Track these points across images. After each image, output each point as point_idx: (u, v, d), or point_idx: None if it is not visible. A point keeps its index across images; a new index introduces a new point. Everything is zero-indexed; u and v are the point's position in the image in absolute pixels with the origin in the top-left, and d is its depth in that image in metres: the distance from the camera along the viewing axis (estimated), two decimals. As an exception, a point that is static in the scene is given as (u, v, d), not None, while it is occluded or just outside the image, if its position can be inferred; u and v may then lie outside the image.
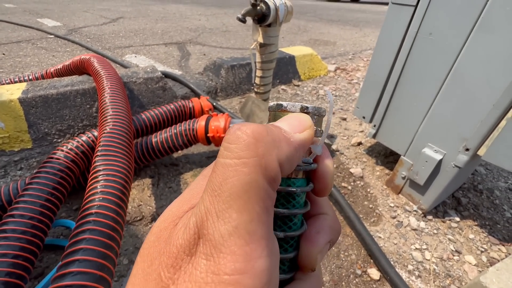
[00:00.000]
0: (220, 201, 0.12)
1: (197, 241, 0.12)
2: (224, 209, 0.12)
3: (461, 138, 0.83)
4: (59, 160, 0.91)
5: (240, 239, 0.12)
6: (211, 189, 0.13)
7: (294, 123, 0.16)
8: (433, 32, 0.83)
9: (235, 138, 0.13)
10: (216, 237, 0.12)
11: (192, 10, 5.33)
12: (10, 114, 1.16)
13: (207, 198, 0.13)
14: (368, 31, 4.43)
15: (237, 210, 0.12)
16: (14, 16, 3.72)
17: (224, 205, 0.12)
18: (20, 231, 0.69)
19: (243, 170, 0.12)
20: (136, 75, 1.48)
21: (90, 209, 0.64)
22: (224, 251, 0.11)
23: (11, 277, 0.63)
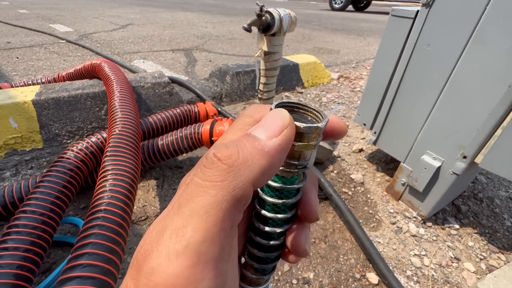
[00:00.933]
0: (181, 218, 0.12)
1: (146, 258, 0.12)
2: (181, 227, 0.12)
3: (458, 146, 0.86)
4: (69, 160, 0.94)
5: (187, 259, 0.12)
6: (178, 205, 0.13)
7: (270, 126, 0.15)
8: (431, 43, 0.86)
9: (210, 162, 0.14)
10: (163, 255, 0.12)
11: (199, 18, 5.46)
12: (24, 115, 1.21)
13: (168, 213, 0.13)
14: (372, 40, 4.49)
15: (193, 229, 0.12)
16: (28, 22, 3.85)
17: (183, 222, 0.12)
18: (31, 226, 0.73)
19: (210, 192, 0.13)
20: (144, 80, 1.53)
21: (99, 206, 0.67)
22: (166, 272, 0.11)
23: (22, 270, 0.65)
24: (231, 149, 0.14)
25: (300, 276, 0.84)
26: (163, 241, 0.12)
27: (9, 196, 0.90)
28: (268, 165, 0.14)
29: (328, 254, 0.91)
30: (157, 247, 0.12)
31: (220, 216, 0.13)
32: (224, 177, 0.13)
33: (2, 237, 0.69)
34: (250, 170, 0.14)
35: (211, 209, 0.13)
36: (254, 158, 0.14)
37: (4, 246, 0.67)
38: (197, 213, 0.12)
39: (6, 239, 0.68)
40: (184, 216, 0.13)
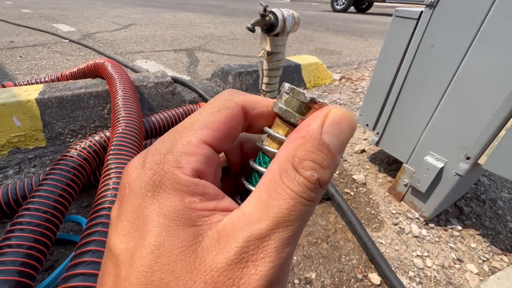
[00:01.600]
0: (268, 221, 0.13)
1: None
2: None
3: (462, 147, 0.85)
4: (72, 158, 0.95)
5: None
6: (277, 215, 0.13)
7: (343, 140, 0.16)
8: (435, 44, 0.86)
9: (312, 183, 0.14)
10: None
11: (201, 18, 5.48)
12: (27, 113, 1.21)
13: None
14: (374, 41, 4.49)
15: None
16: (31, 21, 3.87)
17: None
18: (34, 223, 0.73)
19: (305, 204, 0.14)
20: (147, 80, 1.53)
21: (103, 203, 0.67)
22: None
23: (25, 267, 0.66)
24: (328, 174, 0.14)
25: (302, 276, 0.84)
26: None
27: (12, 194, 0.91)
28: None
29: (330, 254, 0.91)
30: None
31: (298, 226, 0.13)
32: (316, 195, 0.14)
33: (5, 234, 0.70)
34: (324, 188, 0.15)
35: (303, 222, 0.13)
36: (332, 173, 0.15)
37: (7, 243, 0.67)
38: (285, 222, 0.13)
39: (9, 236, 0.69)
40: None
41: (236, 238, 0.12)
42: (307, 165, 0.13)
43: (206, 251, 0.12)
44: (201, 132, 0.15)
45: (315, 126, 0.14)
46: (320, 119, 0.15)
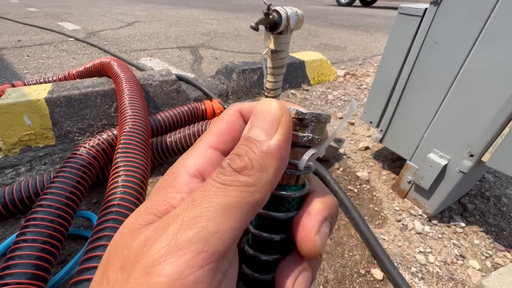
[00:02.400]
0: (195, 211, 0.13)
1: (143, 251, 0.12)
2: (196, 216, 0.12)
3: (465, 144, 0.86)
4: (82, 156, 0.98)
5: (195, 246, 0.12)
6: (191, 199, 0.13)
7: (265, 123, 0.15)
8: (439, 41, 0.86)
9: (228, 171, 0.14)
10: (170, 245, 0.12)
11: (205, 15, 5.46)
12: (37, 112, 1.24)
13: (184, 207, 0.13)
14: (379, 36, 4.43)
15: (206, 219, 0.12)
16: (37, 20, 3.92)
17: (198, 213, 0.12)
18: (48, 219, 0.76)
19: (231, 193, 0.13)
20: (152, 78, 1.55)
21: (113, 200, 0.70)
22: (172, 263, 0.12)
23: (41, 260, 0.69)
24: (245, 160, 0.14)
25: (306, 271, 0.86)
26: (170, 232, 0.12)
27: (25, 190, 0.94)
28: (279, 165, 0.15)
29: (333, 250, 0.93)
30: (160, 238, 0.12)
31: (237, 216, 0.13)
32: (246, 184, 0.14)
33: (21, 229, 0.73)
34: (266, 175, 0.14)
35: (229, 208, 0.13)
36: (266, 164, 0.14)
37: (23, 238, 0.70)
38: (213, 208, 0.13)
39: (25, 231, 0.72)
40: (200, 209, 0.13)
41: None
42: (226, 158, 0.15)
43: (143, 235, 0.13)
44: (207, 139, 0.17)
45: (245, 129, 0.16)
46: (249, 122, 0.16)
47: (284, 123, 0.15)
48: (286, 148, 0.15)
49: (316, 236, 0.15)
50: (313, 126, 0.16)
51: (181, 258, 0.11)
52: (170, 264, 0.11)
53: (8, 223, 0.94)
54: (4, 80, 1.90)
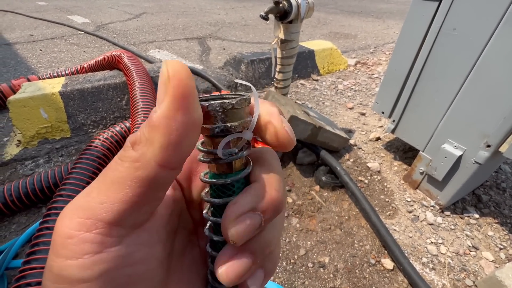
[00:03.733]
0: (91, 185, 0.14)
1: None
2: (89, 190, 0.13)
3: (482, 135, 0.83)
4: (97, 148, 1.01)
5: (79, 213, 0.13)
6: (101, 175, 0.14)
7: (158, 93, 0.13)
8: (457, 27, 0.82)
9: (125, 146, 0.14)
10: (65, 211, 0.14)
11: (212, 4, 5.38)
12: (52, 106, 1.28)
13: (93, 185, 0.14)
14: (392, 23, 4.27)
15: (97, 191, 0.13)
16: (47, 14, 3.96)
17: (91, 186, 0.14)
18: (68, 208, 0.79)
19: (119, 169, 0.13)
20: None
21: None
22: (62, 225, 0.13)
23: (63, 247, 0.72)
24: (137, 134, 0.13)
25: (316, 260, 0.87)
26: (72, 202, 0.14)
27: (45, 181, 0.98)
28: (165, 138, 0.12)
29: (343, 240, 0.94)
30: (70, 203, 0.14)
31: (122, 191, 0.13)
32: (132, 159, 0.13)
33: (43, 217, 0.77)
34: (152, 149, 0.13)
35: (114, 183, 0.13)
36: (152, 137, 0.13)
37: (46, 225, 0.74)
38: (103, 181, 0.13)
39: (47, 220, 0.75)
40: (94, 183, 0.14)
41: None
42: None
43: None
44: None
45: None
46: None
47: (172, 88, 0.12)
48: (177, 119, 0.12)
49: (231, 227, 0.15)
50: (222, 115, 0.15)
51: (73, 221, 0.13)
52: (66, 225, 0.13)
53: (31, 212, 0.98)
54: (19, 74, 1.95)
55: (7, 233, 0.92)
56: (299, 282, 0.81)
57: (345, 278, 0.82)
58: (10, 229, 0.93)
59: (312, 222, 1.00)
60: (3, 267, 0.77)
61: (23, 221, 0.95)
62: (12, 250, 0.80)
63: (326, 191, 1.12)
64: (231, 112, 0.15)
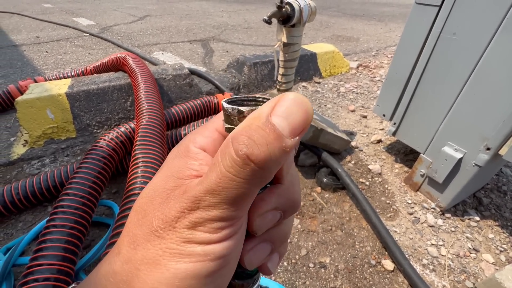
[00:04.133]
0: (215, 198, 0.14)
1: (186, 214, 0.15)
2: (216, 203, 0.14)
3: (482, 137, 0.84)
4: (102, 148, 1.02)
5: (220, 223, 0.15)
6: (208, 185, 0.14)
7: (294, 120, 0.15)
8: (457, 32, 0.84)
9: (240, 159, 0.14)
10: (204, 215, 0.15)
11: (215, 7, 5.43)
12: (59, 106, 1.30)
13: (203, 190, 0.15)
14: (394, 26, 4.29)
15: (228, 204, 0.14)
16: (53, 16, 4.02)
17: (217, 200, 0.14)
18: (74, 207, 0.81)
19: (244, 186, 0.14)
20: (165, 72, 1.58)
21: (134, 190, 0.74)
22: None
23: (69, 244, 0.74)
24: (263, 152, 0.13)
25: (317, 260, 0.88)
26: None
27: (51, 180, 1.00)
28: (284, 161, 0.15)
29: (344, 241, 0.95)
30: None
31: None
32: (255, 176, 0.14)
33: (50, 216, 0.78)
34: (276, 167, 0.14)
35: (240, 198, 0.14)
36: (280, 159, 0.14)
37: (53, 223, 0.76)
38: (231, 198, 0.14)
39: (54, 218, 0.77)
40: (219, 198, 0.15)
41: (186, 193, 0.15)
42: (240, 140, 0.14)
43: (171, 198, 0.16)
44: (216, 121, 0.19)
45: (265, 108, 0.15)
46: (272, 103, 0.15)
47: (304, 130, 0.15)
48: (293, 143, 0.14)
49: (257, 219, 0.17)
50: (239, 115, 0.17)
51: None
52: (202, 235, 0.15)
53: (37, 210, 1.00)
54: (26, 75, 1.99)
55: (13, 231, 0.94)
56: (300, 282, 0.82)
57: (345, 279, 0.83)
58: (17, 227, 0.95)
59: (313, 223, 1.01)
60: (10, 264, 0.79)
61: (29, 220, 0.97)
62: (19, 247, 0.82)
63: (327, 193, 1.13)
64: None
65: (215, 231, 0.15)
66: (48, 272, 0.67)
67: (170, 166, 0.18)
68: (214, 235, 0.15)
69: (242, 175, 0.14)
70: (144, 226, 0.15)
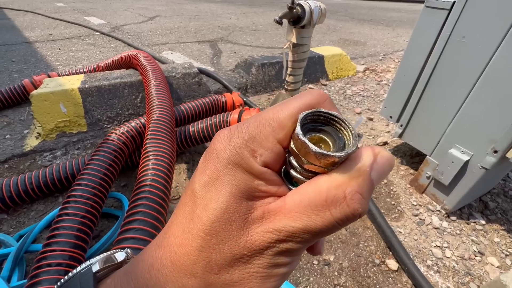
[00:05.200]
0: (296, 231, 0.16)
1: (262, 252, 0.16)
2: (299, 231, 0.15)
3: (490, 140, 0.85)
4: (113, 142, 1.05)
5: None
6: (308, 226, 0.15)
7: (382, 175, 0.16)
8: (466, 35, 0.85)
9: (351, 210, 0.15)
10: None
11: (223, 9, 5.49)
12: (71, 101, 1.34)
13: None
14: (402, 31, 4.29)
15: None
16: (65, 14, 4.11)
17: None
18: (86, 197, 0.84)
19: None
20: (175, 71, 1.61)
21: (145, 181, 0.76)
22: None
23: (80, 232, 0.76)
24: (367, 208, 0.16)
25: (321, 257, 0.89)
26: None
27: (63, 172, 1.03)
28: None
29: (348, 239, 0.95)
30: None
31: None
32: (349, 223, 0.16)
33: (63, 204, 0.81)
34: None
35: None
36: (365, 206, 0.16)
37: (65, 212, 0.78)
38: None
39: (66, 206, 0.80)
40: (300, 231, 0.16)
41: (273, 222, 0.16)
42: (357, 198, 0.15)
43: (251, 222, 0.16)
44: (278, 132, 0.17)
45: (368, 161, 0.16)
46: (371, 157, 0.16)
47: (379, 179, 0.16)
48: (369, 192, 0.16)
49: (319, 244, 0.20)
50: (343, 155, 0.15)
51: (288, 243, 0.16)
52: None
53: (48, 200, 1.03)
54: (39, 71, 2.04)
55: (26, 219, 0.96)
56: (304, 278, 0.83)
57: (349, 277, 0.84)
58: (29, 216, 0.97)
59: (318, 221, 1.01)
60: (23, 250, 0.81)
61: (41, 209, 1.00)
62: (32, 234, 0.85)
63: (333, 192, 1.14)
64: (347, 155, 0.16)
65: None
66: (61, 257, 0.69)
67: (234, 182, 0.16)
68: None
69: (345, 224, 0.16)
70: (225, 253, 0.16)
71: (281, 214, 0.16)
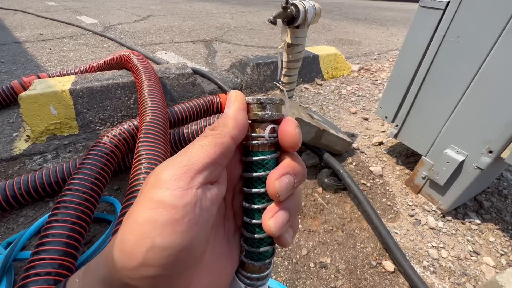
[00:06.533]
0: (184, 149, 0.20)
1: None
2: (183, 151, 0.20)
3: (484, 140, 0.85)
4: (105, 145, 1.03)
5: (183, 164, 0.19)
6: (189, 146, 0.21)
7: (227, 104, 0.23)
8: (461, 35, 0.84)
9: (206, 131, 0.22)
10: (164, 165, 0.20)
11: (218, 8, 5.46)
12: (62, 103, 1.31)
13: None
14: (396, 30, 4.31)
15: (190, 152, 0.20)
16: (57, 14, 4.03)
17: (185, 149, 0.20)
18: (76, 202, 0.81)
19: (205, 139, 0.21)
20: (169, 71, 1.59)
21: (137, 186, 0.74)
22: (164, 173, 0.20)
23: (71, 239, 0.74)
24: (215, 123, 0.22)
25: (318, 260, 0.88)
26: (166, 161, 0.20)
27: (53, 176, 1.00)
28: (235, 122, 0.21)
29: (345, 241, 0.95)
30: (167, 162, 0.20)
31: (208, 150, 0.20)
32: (213, 134, 0.21)
33: (52, 210, 0.78)
34: (227, 128, 0.21)
35: (203, 146, 0.20)
36: (226, 123, 0.22)
37: (55, 218, 0.76)
38: (192, 148, 0.20)
39: (56, 212, 0.77)
40: (183, 151, 0.20)
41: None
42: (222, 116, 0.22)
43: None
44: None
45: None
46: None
47: (236, 101, 0.23)
48: (240, 114, 0.22)
49: (276, 181, 0.21)
50: (270, 106, 0.22)
51: (172, 169, 0.19)
52: (168, 171, 0.19)
53: (38, 205, 1.00)
54: (29, 72, 1.99)
55: (14, 225, 0.93)
56: (301, 281, 0.82)
57: (346, 279, 0.83)
58: (18, 222, 0.95)
59: (314, 223, 1.01)
60: (11, 258, 0.79)
61: (30, 214, 0.97)
62: (21, 241, 0.82)
63: (329, 193, 1.13)
64: (276, 105, 0.23)
65: None
66: (50, 266, 0.67)
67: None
68: None
69: (206, 134, 0.22)
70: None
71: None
